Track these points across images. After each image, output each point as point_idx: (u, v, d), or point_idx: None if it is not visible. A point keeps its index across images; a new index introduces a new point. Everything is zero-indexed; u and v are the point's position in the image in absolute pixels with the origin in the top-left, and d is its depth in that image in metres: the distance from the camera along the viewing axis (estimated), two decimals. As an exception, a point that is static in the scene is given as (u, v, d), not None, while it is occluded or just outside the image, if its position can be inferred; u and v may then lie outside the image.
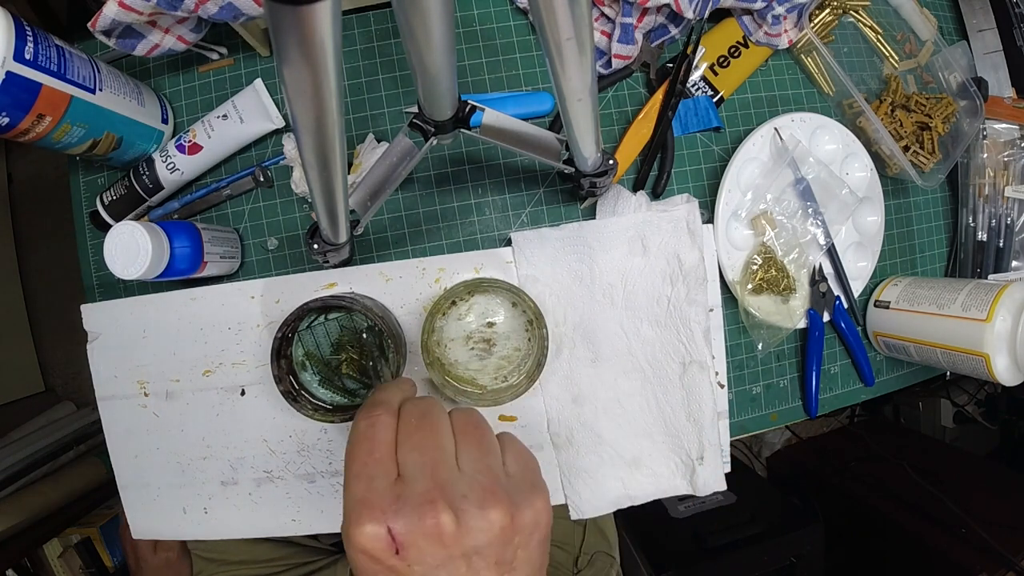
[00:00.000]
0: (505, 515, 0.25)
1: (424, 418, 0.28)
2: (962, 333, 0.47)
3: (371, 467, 0.26)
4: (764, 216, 0.51)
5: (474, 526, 0.24)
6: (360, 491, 0.25)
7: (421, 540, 0.23)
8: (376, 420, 0.27)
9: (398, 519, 0.24)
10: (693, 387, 0.47)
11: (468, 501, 0.25)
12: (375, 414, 0.28)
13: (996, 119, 0.57)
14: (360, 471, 0.25)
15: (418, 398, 0.30)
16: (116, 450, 0.47)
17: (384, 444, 0.27)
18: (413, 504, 0.24)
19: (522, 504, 0.26)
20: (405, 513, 0.24)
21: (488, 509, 0.25)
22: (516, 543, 0.26)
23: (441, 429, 0.28)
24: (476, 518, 0.24)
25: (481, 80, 0.51)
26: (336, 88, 0.21)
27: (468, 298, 0.45)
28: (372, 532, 0.23)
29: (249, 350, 0.46)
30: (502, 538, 0.25)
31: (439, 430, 0.28)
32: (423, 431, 0.27)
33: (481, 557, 0.25)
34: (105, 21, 0.40)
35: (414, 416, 0.28)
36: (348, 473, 0.26)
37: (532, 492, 0.27)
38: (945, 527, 0.97)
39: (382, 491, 0.25)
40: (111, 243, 0.40)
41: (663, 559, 0.92)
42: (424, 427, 0.28)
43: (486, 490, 0.26)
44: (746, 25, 0.53)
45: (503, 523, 0.25)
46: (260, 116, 0.47)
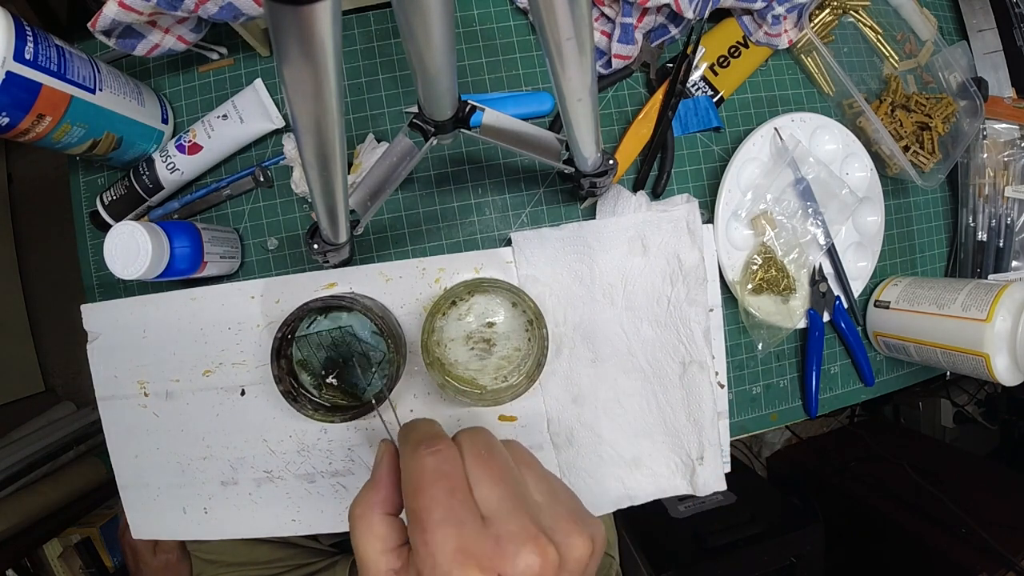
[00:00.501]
0: (588, 543, 0.25)
1: (493, 450, 0.26)
2: (962, 333, 0.47)
3: (457, 510, 0.23)
4: (764, 216, 0.51)
5: (569, 557, 0.24)
6: (452, 539, 0.22)
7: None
8: (445, 454, 0.25)
9: (507, 563, 0.22)
10: (693, 387, 0.47)
11: (557, 532, 0.24)
12: (438, 448, 0.26)
13: (996, 119, 0.57)
14: (446, 516, 0.23)
15: (473, 428, 0.28)
16: (116, 450, 0.47)
17: (463, 483, 0.25)
18: (517, 544, 0.23)
19: (595, 530, 0.26)
20: (511, 555, 0.22)
21: (575, 539, 0.24)
22: (591, 569, 0.25)
23: (509, 459, 0.27)
24: (569, 548, 0.24)
25: (481, 80, 0.51)
26: (336, 88, 0.21)
27: (468, 298, 0.45)
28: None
29: (249, 350, 0.46)
30: (585, 567, 0.25)
31: (509, 460, 0.27)
32: (496, 463, 0.26)
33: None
34: (105, 21, 0.40)
35: (482, 448, 0.26)
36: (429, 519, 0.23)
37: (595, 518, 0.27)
38: (945, 527, 0.97)
39: (479, 536, 0.23)
40: (111, 243, 0.40)
41: (663, 559, 0.92)
42: (496, 459, 0.26)
43: (567, 520, 0.25)
44: (746, 25, 0.53)
45: (589, 552, 0.25)
46: (260, 116, 0.47)
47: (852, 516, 1.14)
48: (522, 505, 0.24)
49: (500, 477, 0.25)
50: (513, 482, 0.25)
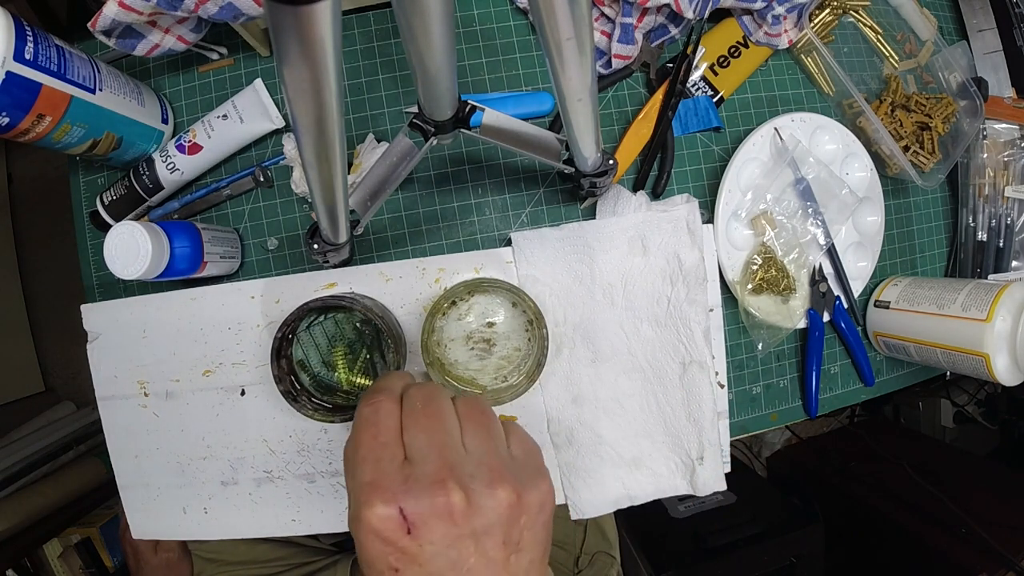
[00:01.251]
0: (512, 495, 0.25)
1: (429, 402, 0.28)
2: (962, 333, 0.47)
3: (377, 450, 0.26)
4: (764, 216, 0.51)
5: (483, 504, 0.25)
6: (368, 474, 0.25)
7: (432, 519, 0.24)
8: (379, 405, 0.28)
9: (409, 499, 0.24)
10: (693, 387, 0.47)
11: (476, 481, 0.25)
12: (377, 399, 0.28)
13: (996, 119, 0.57)
14: (367, 455, 0.25)
15: (421, 383, 0.30)
16: (116, 450, 0.47)
17: (389, 428, 0.27)
18: (423, 484, 0.24)
19: (528, 485, 0.27)
20: (416, 493, 0.24)
21: (496, 489, 0.25)
22: (523, 523, 0.26)
23: (446, 413, 0.28)
24: (484, 497, 0.25)
25: (481, 80, 0.51)
26: (336, 88, 0.21)
27: (468, 298, 0.45)
28: (384, 513, 0.23)
29: (249, 350, 0.46)
30: (509, 518, 0.25)
31: (445, 414, 0.28)
32: (429, 414, 0.27)
33: (489, 536, 0.25)
34: (105, 21, 0.40)
35: (419, 400, 0.28)
36: (355, 458, 0.26)
37: (537, 475, 0.28)
38: (945, 527, 0.97)
39: (391, 473, 0.25)
40: (111, 243, 0.40)
41: (663, 559, 0.92)
42: (430, 411, 0.28)
43: (493, 471, 0.26)
44: (746, 25, 0.53)
45: (510, 502, 0.25)
46: (260, 116, 0.47)
47: (852, 516, 1.14)
48: (443, 452, 0.26)
49: (427, 425, 0.27)
50: (441, 432, 0.27)
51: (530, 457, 0.29)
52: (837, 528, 1.05)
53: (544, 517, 0.27)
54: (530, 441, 0.31)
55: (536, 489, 0.27)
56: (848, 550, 1.13)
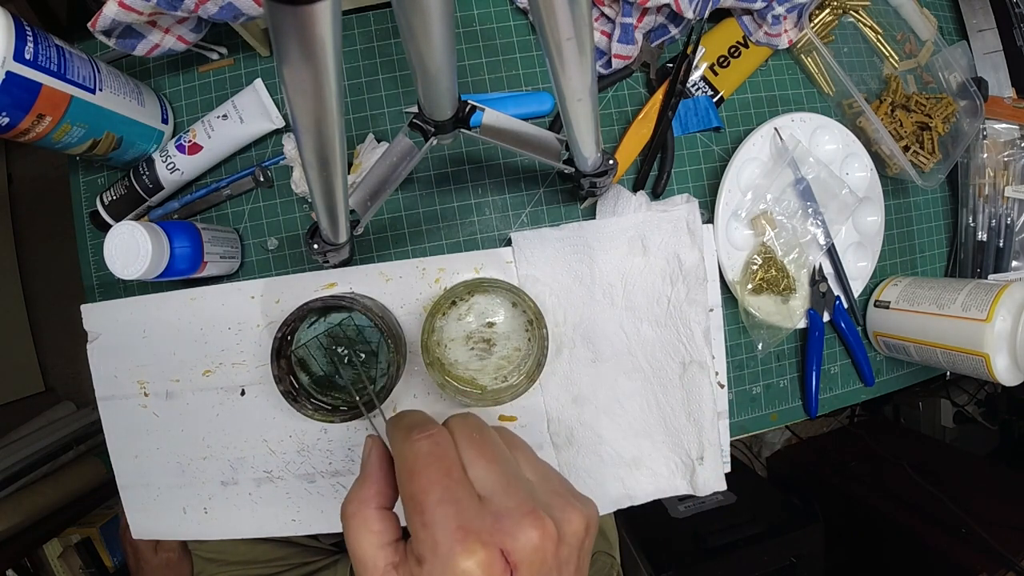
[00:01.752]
0: (583, 517, 0.25)
1: (484, 432, 0.27)
2: (962, 333, 0.47)
3: (454, 489, 0.23)
4: (764, 216, 0.51)
5: (566, 532, 0.24)
6: (453, 518, 0.22)
7: (532, 555, 0.22)
8: (438, 438, 0.25)
9: (507, 538, 0.22)
10: (693, 387, 0.47)
11: (553, 509, 0.24)
12: (431, 432, 0.26)
13: (996, 119, 0.57)
14: (443, 496, 0.23)
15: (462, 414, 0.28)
16: (116, 450, 0.47)
17: (458, 465, 0.25)
18: (515, 519, 0.23)
19: (590, 508, 0.26)
20: (511, 530, 0.22)
21: (569, 513, 0.25)
22: (586, 547, 0.26)
23: (499, 443, 0.27)
24: (564, 524, 0.24)
25: (481, 80, 0.51)
26: (336, 88, 0.21)
27: (468, 298, 0.45)
28: (486, 559, 0.22)
29: (249, 350, 0.46)
30: (581, 544, 0.25)
31: (499, 444, 0.27)
32: (488, 445, 0.26)
33: (568, 565, 0.24)
34: (105, 21, 0.40)
35: (474, 431, 0.27)
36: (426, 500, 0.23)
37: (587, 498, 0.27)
38: (945, 527, 0.97)
39: (477, 513, 0.23)
40: (111, 243, 0.40)
41: (663, 559, 0.92)
42: (488, 441, 0.26)
43: (562, 497, 0.25)
44: (746, 25, 0.53)
45: (585, 527, 0.25)
46: (260, 116, 0.47)
47: (852, 516, 1.14)
48: (517, 483, 0.25)
49: (493, 457, 0.25)
50: (506, 462, 0.26)
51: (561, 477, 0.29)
52: (837, 528, 1.05)
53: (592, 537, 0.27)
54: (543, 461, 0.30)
55: (595, 510, 0.26)
56: (848, 550, 1.13)
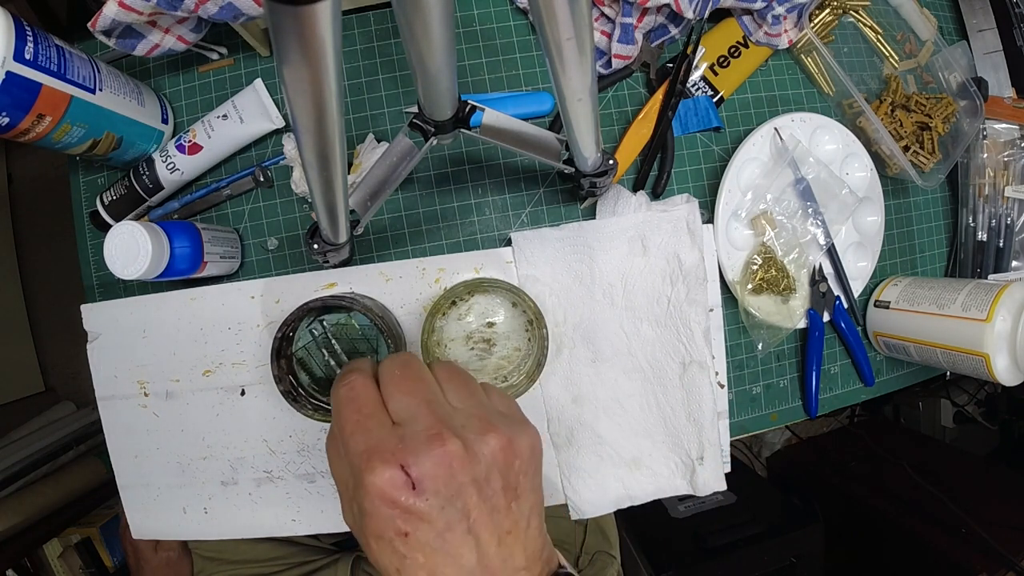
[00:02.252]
0: (504, 439, 0.26)
1: (406, 367, 0.29)
2: (962, 333, 0.47)
3: (364, 422, 0.26)
4: (764, 216, 0.51)
5: (478, 451, 0.25)
6: (362, 443, 0.25)
7: (434, 471, 0.24)
8: (354, 382, 0.28)
9: (409, 455, 0.24)
10: (693, 387, 0.47)
11: (468, 430, 0.26)
12: (350, 379, 0.28)
13: (996, 119, 0.57)
14: (354, 429, 0.26)
15: (394, 354, 0.31)
16: (116, 450, 0.47)
17: (370, 400, 0.27)
18: (419, 440, 0.24)
19: (517, 431, 0.27)
20: (414, 448, 0.24)
21: (488, 435, 0.26)
22: (517, 468, 0.27)
23: (425, 375, 0.29)
24: (479, 444, 0.25)
25: (481, 80, 0.51)
26: (336, 88, 0.21)
27: (468, 298, 0.45)
28: (388, 475, 0.23)
29: (249, 350, 0.46)
30: (505, 463, 0.26)
31: (424, 376, 0.29)
32: (408, 378, 0.28)
33: (488, 483, 0.25)
34: (105, 21, 0.40)
35: (396, 368, 0.29)
36: (342, 435, 0.26)
37: (523, 423, 0.29)
38: (945, 527, 0.97)
39: (385, 437, 0.25)
40: (111, 243, 0.40)
41: (663, 559, 0.92)
42: (408, 375, 0.28)
43: (482, 420, 0.27)
44: (746, 25, 0.53)
45: (503, 446, 0.26)
46: (260, 116, 0.47)
47: (852, 516, 1.14)
48: (431, 408, 0.26)
49: (409, 387, 0.27)
50: (424, 391, 0.27)
51: (513, 409, 0.30)
52: (837, 528, 1.05)
53: (536, 462, 0.28)
54: (508, 397, 0.32)
55: (525, 434, 0.28)
56: (848, 550, 1.13)
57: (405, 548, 0.24)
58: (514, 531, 0.26)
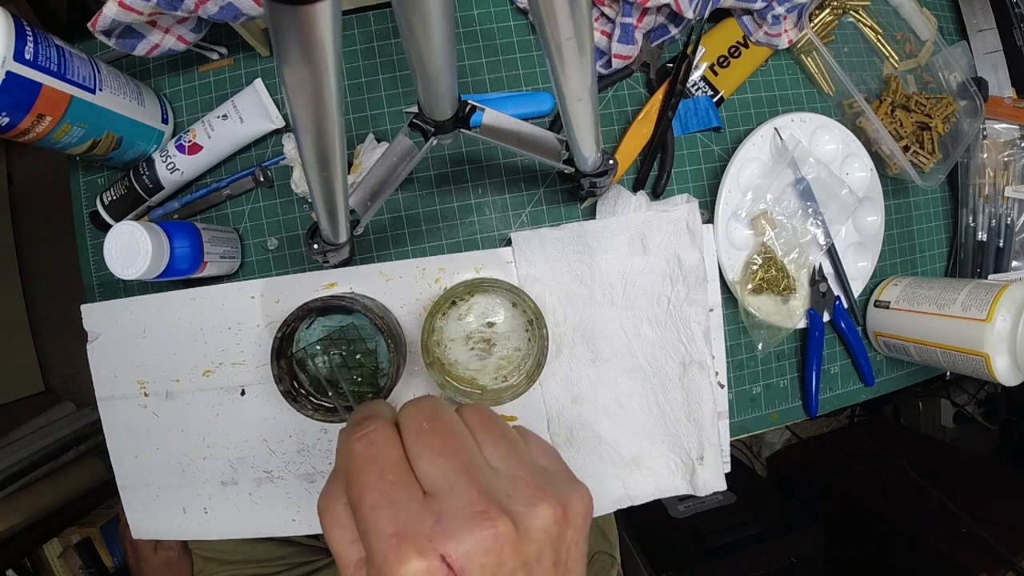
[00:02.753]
0: (558, 509, 0.22)
1: (436, 418, 0.23)
2: (962, 333, 0.47)
3: (390, 492, 0.21)
4: (764, 216, 0.51)
5: (530, 527, 0.21)
6: (388, 523, 0.20)
7: (481, 558, 0.20)
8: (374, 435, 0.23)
9: (450, 542, 0.19)
10: (693, 387, 0.47)
11: (517, 502, 0.22)
12: (368, 428, 0.23)
13: (996, 119, 0.57)
14: (378, 500, 0.21)
15: (418, 398, 0.25)
16: (116, 450, 0.47)
17: (396, 462, 0.22)
18: (461, 519, 0.20)
19: (570, 495, 0.23)
20: (456, 532, 0.20)
21: (539, 507, 0.22)
22: (569, 539, 0.23)
23: (458, 427, 0.24)
24: (531, 518, 0.21)
25: (481, 80, 0.51)
26: (336, 88, 0.21)
27: (468, 298, 0.45)
28: (422, 567, 0.19)
29: (249, 350, 0.46)
30: (557, 536, 0.22)
31: (459, 430, 0.24)
32: (440, 433, 0.23)
33: (540, 563, 0.21)
34: (105, 21, 0.40)
35: (423, 419, 0.23)
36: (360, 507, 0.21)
37: (573, 482, 0.25)
38: (945, 527, 0.97)
39: (417, 515, 0.20)
40: (111, 243, 0.40)
41: (663, 559, 0.92)
42: (440, 428, 0.23)
43: (530, 486, 0.22)
44: (746, 25, 0.53)
45: (557, 519, 0.22)
46: (260, 116, 0.47)
47: (852, 516, 1.14)
48: (471, 475, 0.22)
49: (443, 448, 0.22)
50: (461, 451, 0.23)
51: (558, 462, 0.26)
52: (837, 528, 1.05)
53: (587, 528, 0.24)
54: (549, 445, 0.27)
55: (578, 497, 0.23)
56: (848, 550, 1.13)
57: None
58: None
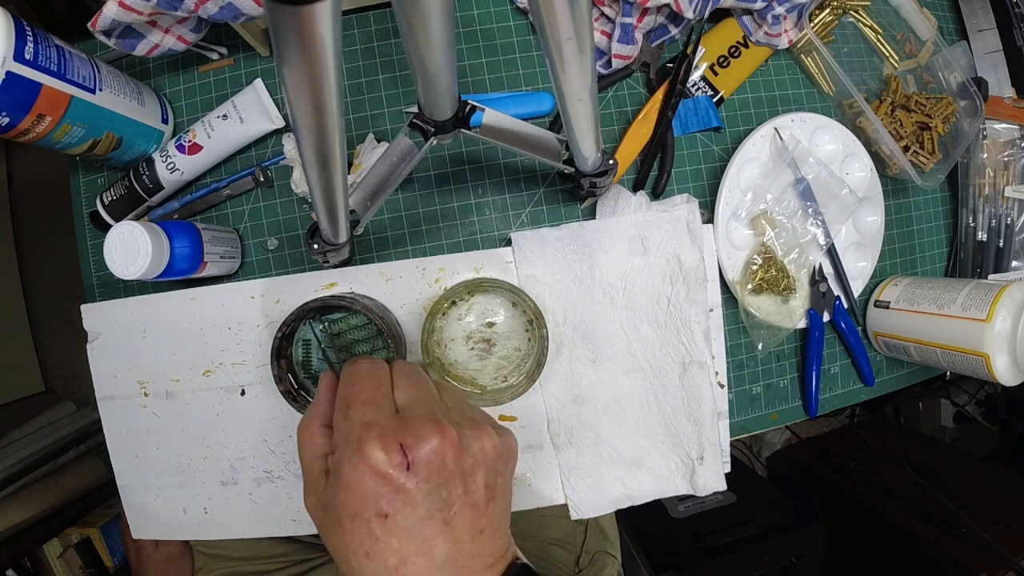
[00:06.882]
0: (494, 439, 0.28)
1: (415, 370, 0.32)
2: (962, 333, 0.47)
3: (379, 397, 0.28)
4: (764, 216, 0.51)
5: (470, 445, 0.27)
6: (368, 416, 0.26)
7: (429, 456, 0.25)
8: (378, 364, 0.31)
9: (409, 436, 0.25)
10: (693, 387, 0.47)
11: (463, 427, 0.28)
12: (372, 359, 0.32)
13: (996, 119, 0.57)
14: (368, 398, 0.27)
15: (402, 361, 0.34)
16: (116, 450, 0.47)
17: (386, 383, 0.30)
18: (420, 425, 0.26)
19: (504, 434, 0.30)
20: (415, 432, 0.25)
21: (480, 433, 0.28)
22: (498, 469, 0.29)
23: (429, 382, 0.32)
24: (472, 438, 0.27)
25: (481, 80, 0.51)
26: (336, 88, 0.21)
27: (468, 298, 0.45)
28: (386, 448, 0.24)
29: (249, 350, 0.46)
30: (492, 460, 0.28)
31: (429, 382, 0.32)
32: (416, 378, 0.31)
33: (474, 478, 0.27)
34: (105, 21, 0.40)
35: (406, 368, 0.32)
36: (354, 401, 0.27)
37: (506, 429, 0.32)
38: (945, 527, 0.97)
39: (390, 417, 0.27)
40: (111, 243, 0.40)
41: (663, 559, 0.92)
42: (416, 375, 0.31)
43: (475, 421, 0.29)
44: (746, 25, 0.53)
45: (494, 445, 0.28)
46: (260, 116, 0.47)
47: (852, 516, 1.14)
48: (432, 404, 0.29)
49: (417, 383, 0.30)
50: (428, 390, 0.30)
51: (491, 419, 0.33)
52: (837, 528, 1.05)
53: (513, 465, 0.30)
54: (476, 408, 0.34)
55: (509, 437, 0.30)
56: (848, 550, 1.13)
57: (381, 530, 0.24)
58: (487, 529, 0.27)
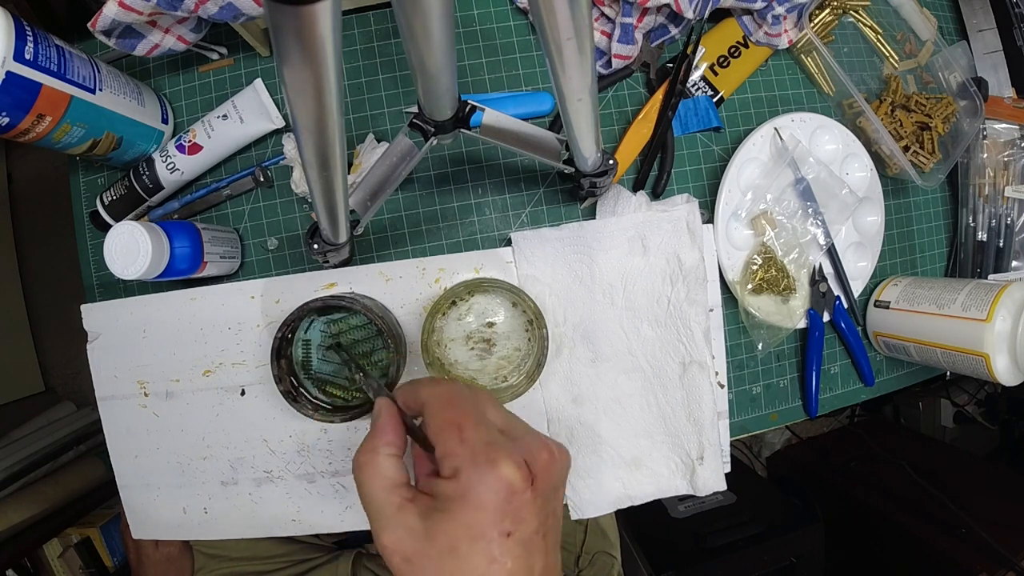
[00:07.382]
0: (566, 455, 0.29)
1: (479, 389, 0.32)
2: (962, 333, 0.47)
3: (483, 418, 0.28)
4: (764, 216, 0.51)
5: (562, 459, 0.28)
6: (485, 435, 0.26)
7: (544, 469, 0.26)
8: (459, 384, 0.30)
9: (527, 454, 0.26)
10: (693, 387, 0.47)
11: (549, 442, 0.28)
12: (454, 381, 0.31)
13: (996, 119, 0.57)
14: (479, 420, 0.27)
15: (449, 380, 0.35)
16: (116, 450, 0.47)
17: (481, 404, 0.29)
18: (530, 442, 0.27)
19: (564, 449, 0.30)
20: (527, 450, 0.26)
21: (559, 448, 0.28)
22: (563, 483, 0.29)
23: None
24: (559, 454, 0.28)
25: (481, 80, 0.51)
26: (336, 88, 0.21)
27: (468, 298, 0.45)
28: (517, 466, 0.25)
29: (249, 350, 0.46)
30: (564, 478, 0.29)
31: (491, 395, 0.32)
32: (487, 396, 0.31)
33: (556, 492, 0.28)
34: (105, 21, 0.40)
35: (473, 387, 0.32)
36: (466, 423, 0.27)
37: None
38: (945, 527, 0.97)
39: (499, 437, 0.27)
40: (111, 243, 0.40)
41: (663, 559, 0.92)
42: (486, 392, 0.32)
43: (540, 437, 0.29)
44: (746, 25, 0.53)
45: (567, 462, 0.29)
46: (260, 116, 0.47)
47: (852, 516, 1.14)
48: (517, 422, 0.30)
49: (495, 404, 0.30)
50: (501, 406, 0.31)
51: None
52: (837, 528, 1.05)
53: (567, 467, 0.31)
54: None
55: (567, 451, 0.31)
56: (848, 550, 1.13)
57: (500, 549, 0.24)
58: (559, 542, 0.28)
